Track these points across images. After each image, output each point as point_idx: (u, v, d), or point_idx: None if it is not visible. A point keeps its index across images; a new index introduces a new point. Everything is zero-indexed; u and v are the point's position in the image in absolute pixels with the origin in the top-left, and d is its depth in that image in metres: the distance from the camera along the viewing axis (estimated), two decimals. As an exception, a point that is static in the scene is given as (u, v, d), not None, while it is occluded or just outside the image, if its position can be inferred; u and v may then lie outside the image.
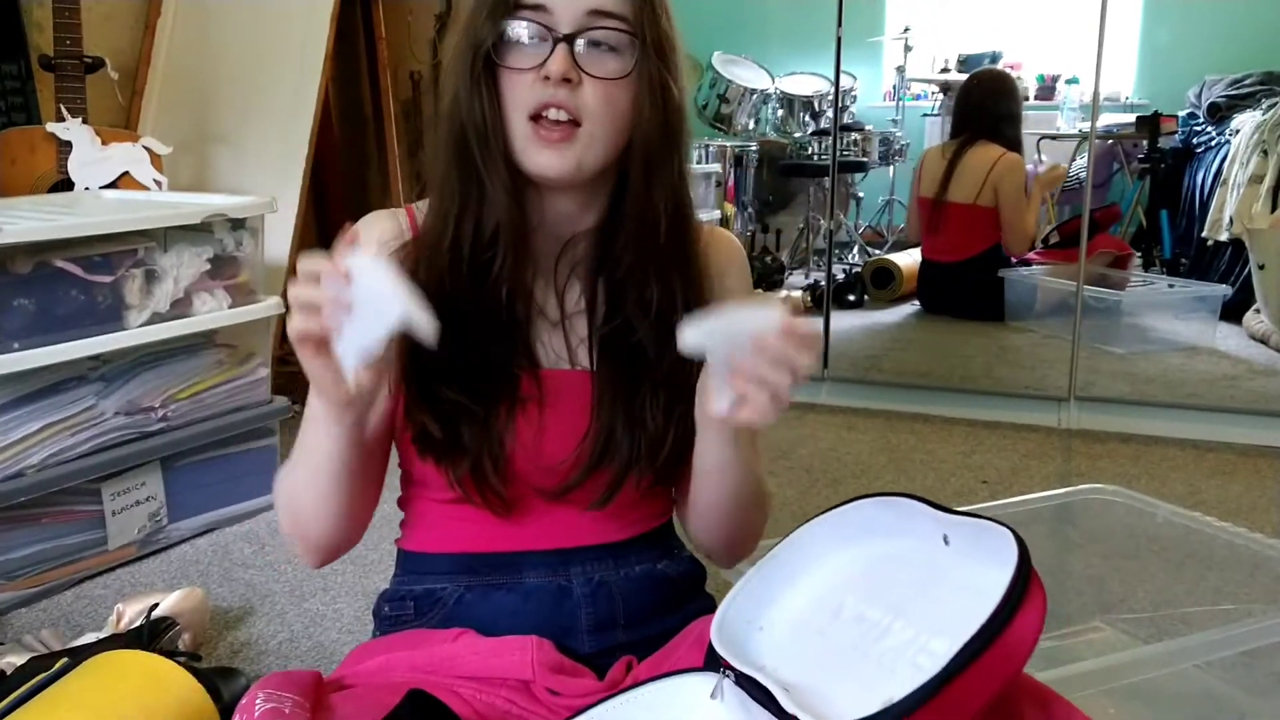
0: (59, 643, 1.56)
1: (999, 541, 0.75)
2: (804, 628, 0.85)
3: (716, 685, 0.81)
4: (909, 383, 3.21)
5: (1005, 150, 3.77)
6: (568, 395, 0.97)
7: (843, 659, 0.80)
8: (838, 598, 0.85)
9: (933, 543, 0.82)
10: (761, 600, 0.87)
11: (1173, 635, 1.59)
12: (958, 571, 0.79)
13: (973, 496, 2.29)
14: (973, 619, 0.70)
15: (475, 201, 0.93)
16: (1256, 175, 3.59)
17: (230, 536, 2.08)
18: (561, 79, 0.88)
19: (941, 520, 0.82)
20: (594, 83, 0.89)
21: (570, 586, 0.98)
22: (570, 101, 0.89)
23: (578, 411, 0.97)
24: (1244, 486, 2.43)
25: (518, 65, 0.90)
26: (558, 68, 0.88)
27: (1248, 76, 3.91)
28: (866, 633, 0.80)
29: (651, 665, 0.95)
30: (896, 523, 0.86)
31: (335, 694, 0.88)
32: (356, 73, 3.49)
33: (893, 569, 0.85)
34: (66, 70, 2.36)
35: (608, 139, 0.92)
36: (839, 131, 4.05)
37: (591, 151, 0.91)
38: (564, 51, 0.88)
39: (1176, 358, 3.45)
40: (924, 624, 0.77)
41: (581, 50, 0.89)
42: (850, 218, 4.71)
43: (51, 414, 1.82)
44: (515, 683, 0.91)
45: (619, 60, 0.90)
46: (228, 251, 2.09)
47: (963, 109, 3.94)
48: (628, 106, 0.92)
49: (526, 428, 0.95)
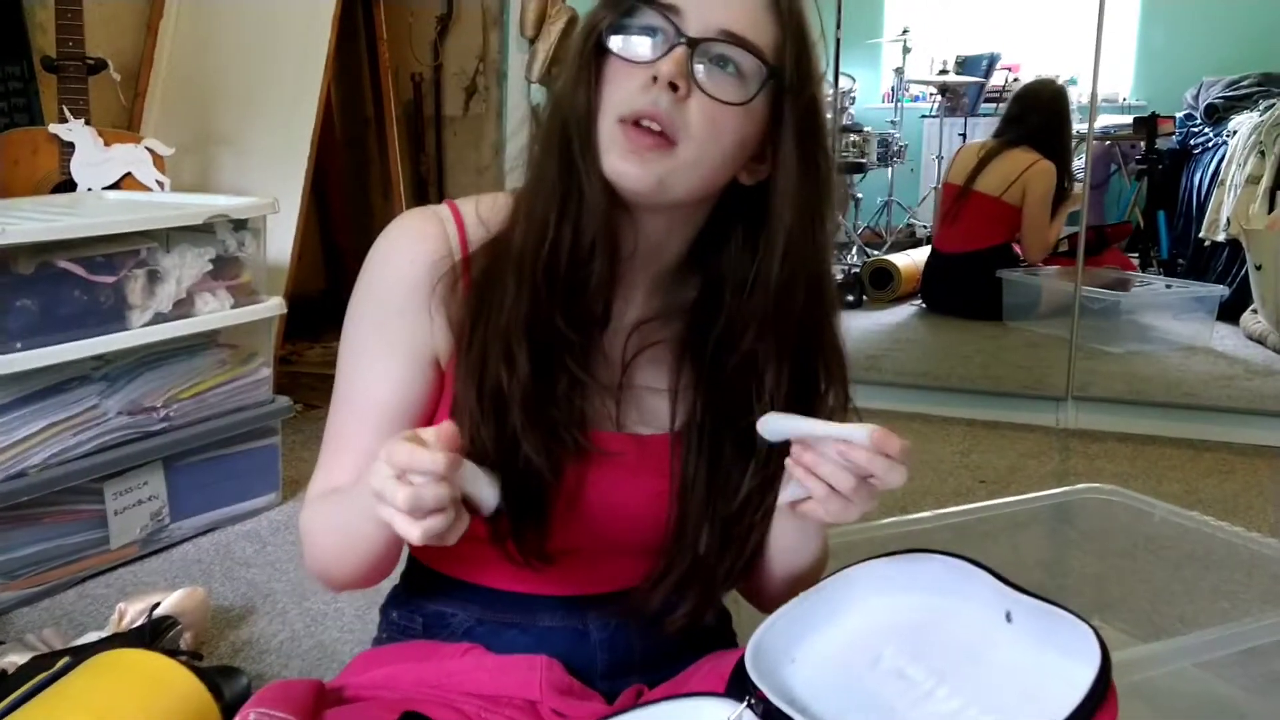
0: (61, 642, 1.56)
1: (1073, 635, 0.72)
2: (839, 669, 0.81)
3: (736, 714, 0.78)
4: (907, 382, 3.21)
5: (1042, 157, 3.78)
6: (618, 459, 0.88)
7: (878, 711, 0.76)
8: (878, 646, 0.81)
9: (992, 614, 0.78)
10: (799, 632, 0.83)
11: (1170, 634, 1.59)
12: (1016, 652, 0.76)
13: (971, 495, 2.29)
14: (1034, 704, 0.67)
15: (575, 205, 0.82)
16: (1254, 176, 3.59)
17: (232, 536, 2.09)
18: (669, 83, 0.78)
19: (1006, 594, 0.78)
20: (702, 101, 0.79)
21: (587, 631, 0.93)
22: (669, 115, 0.78)
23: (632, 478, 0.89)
24: (1241, 486, 2.43)
25: (628, 56, 0.80)
26: (669, 68, 0.78)
27: (1245, 78, 3.92)
28: (906, 691, 0.77)
29: (666, 690, 0.91)
30: (954, 584, 0.81)
31: (330, 711, 0.85)
32: (358, 74, 3.49)
33: (942, 630, 0.80)
34: (69, 71, 2.36)
35: (702, 166, 0.81)
36: (838, 133, 4.05)
37: (681, 175, 0.80)
38: (681, 55, 0.78)
39: (1174, 358, 3.45)
40: (972, 698, 0.74)
41: (701, 64, 0.79)
42: (849, 219, 4.72)
43: (54, 414, 1.83)
44: (521, 702, 0.88)
45: (740, 87, 0.80)
46: (230, 252, 2.10)
47: (1015, 112, 3.93)
48: (733, 143, 0.81)
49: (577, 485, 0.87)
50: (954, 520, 1.55)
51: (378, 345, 0.88)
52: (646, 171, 0.79)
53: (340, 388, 0.91)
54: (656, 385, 0.90)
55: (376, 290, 0.89)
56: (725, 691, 0.81)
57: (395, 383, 0.88)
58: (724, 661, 0.85)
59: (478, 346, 0.84)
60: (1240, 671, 1.38)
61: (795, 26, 0.83)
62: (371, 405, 0.88)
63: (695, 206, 0.86)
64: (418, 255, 0.86)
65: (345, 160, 3.56)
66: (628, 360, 0.89)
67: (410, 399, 0.88)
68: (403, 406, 0.88)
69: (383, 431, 0.86)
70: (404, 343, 0.87)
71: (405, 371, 0.87)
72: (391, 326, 0.87)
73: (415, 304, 0.86)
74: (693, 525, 0.88)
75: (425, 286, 0.85)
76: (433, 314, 0.86)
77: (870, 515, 0.81)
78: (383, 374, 0.88)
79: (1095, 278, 3.44)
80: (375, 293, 0.89)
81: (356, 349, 0.90)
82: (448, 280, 0.85)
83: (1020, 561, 1.65)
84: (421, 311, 0.86)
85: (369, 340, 0.89)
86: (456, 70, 3.55)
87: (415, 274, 0.86)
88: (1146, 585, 1.72)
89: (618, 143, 0.79)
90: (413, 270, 0.86)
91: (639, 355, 0.89)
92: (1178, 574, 1.67)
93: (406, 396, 0.88)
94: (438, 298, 0.85)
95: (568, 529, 0.88)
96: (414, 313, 0.86)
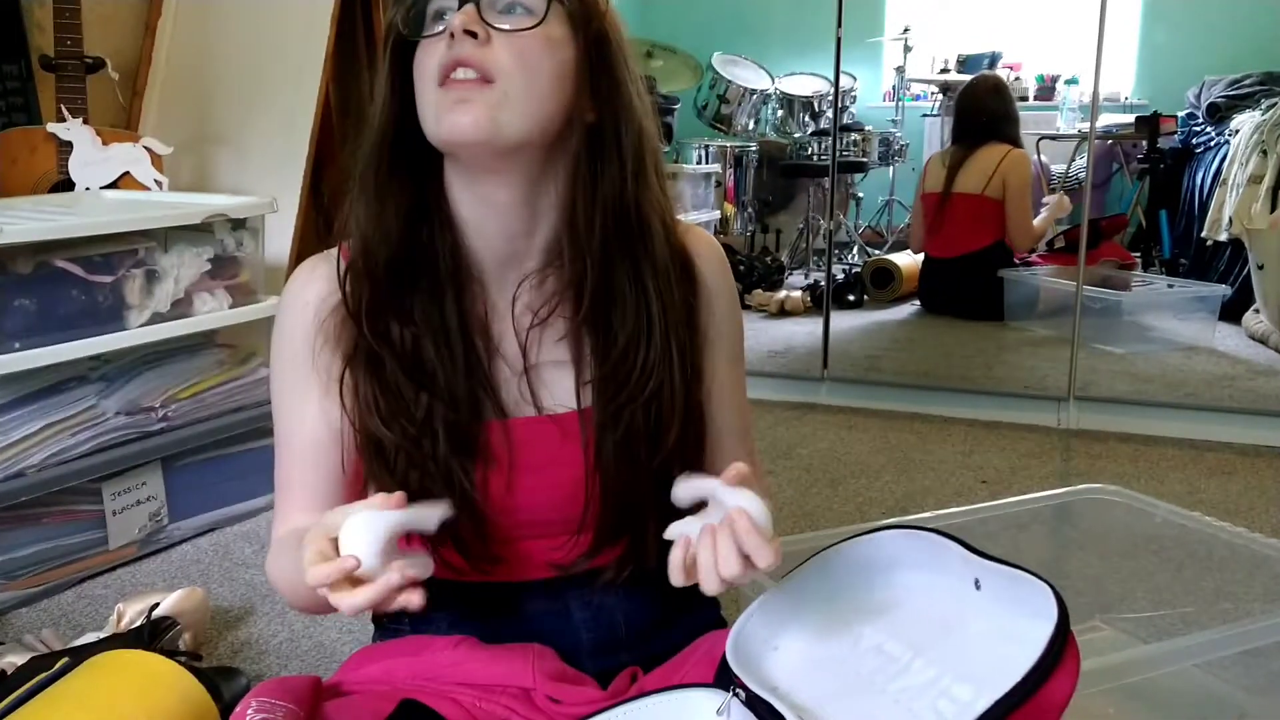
0: (60, 642, 1.56)
1: (1035, 594, 0.74)
2: (820, 653, 0.83)
3: (724, 704, 0.80)
4: (908, 382, 3.21)
5: (1013, 146, 3.81)
6: (538, 444, 0.91)
7: (858, 690, 0.78)
8: (857, 626, 0.84)
9: (962, 584, 0.80)
10: (779, 620, 0.85)
11: (1172, 635, 1.59)
12: (986, 618, 0.78)
13: (972, 496, 2.29)
14: (1002, 670, 0.69)
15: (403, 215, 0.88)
16: (1256, 175, 3.58)
17: (231, 536, 2.09)
18: (465, 31, 0.81)
19: (973, 563, 0.80)
20: (505, 38, 0.82)
21: (569, 611, 0.96)
22: (477, 57, 0.81)
23: (554, 461, 0.91)
24: (1243, 486, 2.43)
25: (429, 34, 0.85)
26: (460, 20, 0.81)
27: (1247, 77, 3.91)
28: (884, 667, 0.79)
29: (659, 678, 0.93)
30: (925, 558, 0.84)
31: (330, 702, 0.86)
32: (357, 73, 3.49)
33: (916, 605, 0.83)
34: (67, 70, 2.36)
35: (529, 100, 0.83)
36: (839, 132, 4.05)
37: (509, 110, 0.82)
38: (470, 9, 0.82)
39: (1176, 357, 3.45)
40: (947, 667, 0.76)
41: (491, 14, 0.83)
42: (850, 218, 4.71)
43: (52, 414, 1.82)
44: (515, 690, 0.90)
45: (530, 17, 0.84)
46: (228, 252, 2.10)
47: (964, 114, 3.97)
48: (549, 70, 0.84)
49: (500, 483, 0.90)
50: (955, 521, 1.54)
51: (296, 386, 0.93)
52: (476, 114, 0.81)
53: (277, 433, 0.96)
54: (560, 356, 0.92)
55: (281, 336, 0.95)
56: (714, 681, 0.83)
57: (314, 419, 0.93)
58: (716, 648, 0.86)
59: (347, 375, 0.90)
60: (1242, 672, 1.38)
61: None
62: (302, 443, 0.94)
63: (543, 154, 0.87)
64: (308, 297, 0.92)
65: (344, 159, 3.55)
66: (524, 344, 0.92)
67: (332, 431, 0.92)
68: (329, 440, 0.93)
69: (321, 465, 0.93)
70: (310, 380, 0.92)
71: (319, 407, 0.92)
72: (303, 368, 0.92)
73: (311, 343, 0.91)
74: (613, 491, 0.91)
75: (315, 325, 0.91)
76: (325, 349, 0.91)
77: (871, 517, 0.81)
78: (302, 413, 0.93)
79: (1092, 273, 3.43)
80: (280, 339, 0.95)
81: (280, 395, 0.96)
82: (334, 316, 0.90)
83: (1022, 562, 1.64)
84: (322, 348, 0.91)
85: (285, 384, 0.95)
86: (456, 69, 3.55)
87: (306, 315, 0.92)
88: (1148, 586, 1.72)
89: (443, 103, 0.82)
90: (305, 311, 0.92)
91: (538, 335, 0.92)
92: (1179, 575, 1.67)
93: (328, 430, 0.92)
94: (324, 335, 0.91)
95: (504, 523, 0.91)
96: (311, 351, 0.91)
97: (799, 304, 3.92)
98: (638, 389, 0.89)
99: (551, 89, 0.84)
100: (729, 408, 0.99)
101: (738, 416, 1.02)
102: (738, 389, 1.02)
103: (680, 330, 0.92)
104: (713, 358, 0.97)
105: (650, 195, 0.90)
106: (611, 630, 0.97)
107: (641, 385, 0.89)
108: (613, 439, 0.90)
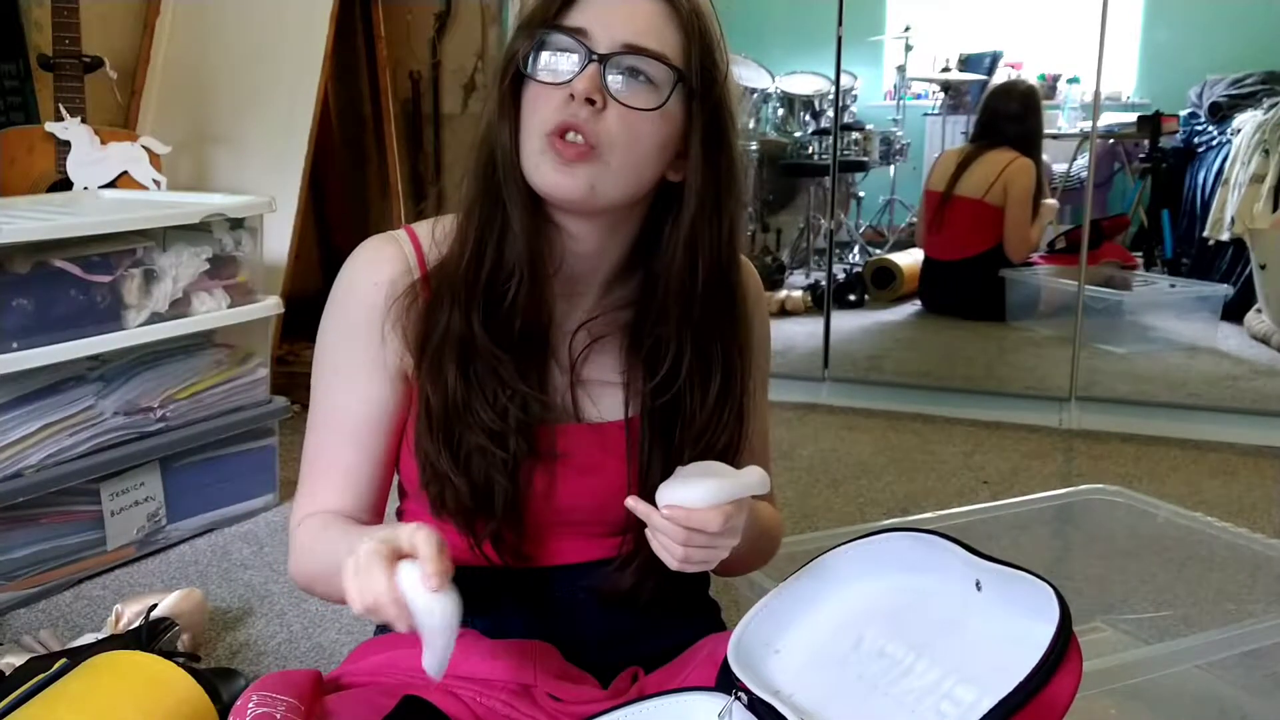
0: (58, 643, 1.56)
1: (1037, 595, 0.74)
2: (822, 655, 0.83)
3: (726, 707, 0.80)
4: (910, 383, 3.21)
5: (1021, 155, 3.80)
6: (579, 451, 0.94)
7: (861, 692, 0.78)
8: (858, 629, 0.84)
9: (963, 586, 0.80)
10: (780, 623, 0.86)
11: (1174, 636, 1.59)
12: (988, 619, 0.78)
13: (974, 496, 2.29)
14: (1005, 671, 0.69)
15: (498, 229, 0.89)
16: (1258, 175, 3.58)
17: (229, 537, 2.08)
18: (585, 99, 0.84)
19: (974, 564, 0.80)
20: (619, 111, 0.85)
21: (576, 603, 0.97)
22: (590, 126, 0.84)
23: (596, 468, 0.94)
24: (1245, 487, 2.42)
25: (546, 79, 0.86)
26: (583, 85, 0.84)
27: (1249, 76, 3.91)
28: (887, 669, 0.79)
29: (660, 679, 0.94)
30: (926, 560, 0.84)
31: (331, 696, 0.87)
32: (356, 72, 3.48)
33: (918, 607, 0.83)
34: (65, 70, 2.35)
35: (627, 171, 0.87)
36: (839, 131, 4.05)
37: (607, 181, 0.86)
38: (594, 71, 0.84)
39: (1178, 358, 3.44)
40: (949, 668, 0.76)
41: (613, 77, 0.85)
42: (851, 217, 4.70)
43: (50, 414, 1.82)
44: (516, 686, 0.91)
45: (652, 94, 0.86)
46: (226, 251, 2.09)
47: (986, 114, 3.97)
48: (653, 146, 0.87)
49: (546, 484, 0.92)
50: (957, 521, 1.54)
51: (349, 366, 0.94)
52: (577, 181, 0.85)
53: (317, 409, 0.97)
54: (609, 376, 0.96)
55: (343, 314, 0.95)
56: (716, 685, 0.83)
57: (369, 400, 0.94)
58: (718, 650, 0.87)
59: (426, 363, 0.91)
60: (1243, 673, 1.38)
61: (698, 31, 0.88)
62: (349, 424, 0.95)
63: (628, 209, 0.91)
64: (378, 278, 0.93)
65: (343, 159, 3.55)
66: (574, 358, 0.95)
67: (384, 414, 0.94)
68: (379, 422, 0.95)
69: (363, 447, 0.95)
70: (373, 361, 0.93)
71: (378, 389, 0.94)
72: (360, 347, 0.93)
73: (379, 324, 0.92)
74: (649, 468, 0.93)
75: (386, 307, 0.92)
76: (394, 332, 0.92)
77: (872, 517, 0.81)
78: (357, 394, 0.94)
79: (1094, 273, 3.43)
80: (342, 316, 0.95)
81: (329, 371, 0.96)
82: (405, 299, 0.92)
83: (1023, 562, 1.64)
84: (391, 330, 0.92)
85: (341, 362, 0.95)
86: (455, 68, 3.55)
87: (377, 295, 0.92)
88: (1150, 586, 1.72)
89: (548, 158, 0.85)
90: (375, 292, 0.92)
91: (590, 350, 0.95)
92: (1181, 575, 1.67)
93: (381, 412, 0.94)
94: (394, 317, 0.92)
95: (540, 523, 0.93)
96: (379, 332, 0.92)
97: (800, 304, 3.91)
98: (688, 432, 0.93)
99: (651, 160, 0.88)
100: (754, 431, 1.01)
101: (759, 438, 1.04)
102: (762, 413, 1.05)
103: (734, 362, 0.95)
104: (747, 384, 0.99)
105: (738, 252, 0.95)
106: (618, 623, 0.97)
107: (693, 426, 0.93)
108: (657, 446, 0.93)
